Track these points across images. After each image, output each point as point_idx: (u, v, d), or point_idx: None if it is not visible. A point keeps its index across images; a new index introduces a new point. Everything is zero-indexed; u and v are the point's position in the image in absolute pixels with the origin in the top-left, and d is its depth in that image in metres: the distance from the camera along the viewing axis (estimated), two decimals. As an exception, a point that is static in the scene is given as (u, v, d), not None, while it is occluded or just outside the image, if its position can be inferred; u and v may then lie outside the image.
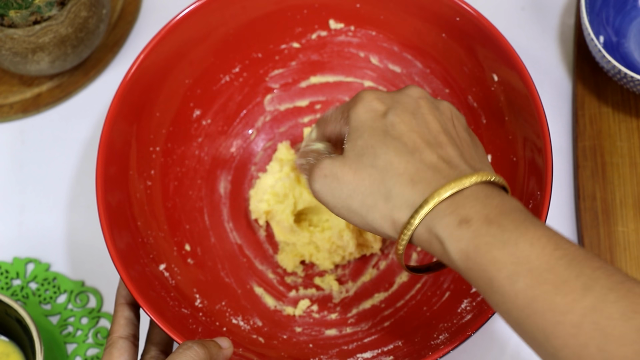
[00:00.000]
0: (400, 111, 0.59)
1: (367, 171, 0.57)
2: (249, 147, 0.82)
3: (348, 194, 0.58)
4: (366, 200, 0.57)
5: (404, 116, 0.58)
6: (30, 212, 0.84)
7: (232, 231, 0.80)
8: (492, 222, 0.52)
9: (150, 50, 0.73)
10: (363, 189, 0.57)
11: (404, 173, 0.56)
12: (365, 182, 0.57)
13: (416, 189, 0.55)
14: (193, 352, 0.60)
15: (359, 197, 0.57)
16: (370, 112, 0.60)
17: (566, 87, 0.85)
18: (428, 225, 0.54)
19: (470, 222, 0.53)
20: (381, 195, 0.56)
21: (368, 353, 0.71)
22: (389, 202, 0.56)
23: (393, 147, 0.57)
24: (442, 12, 0.73)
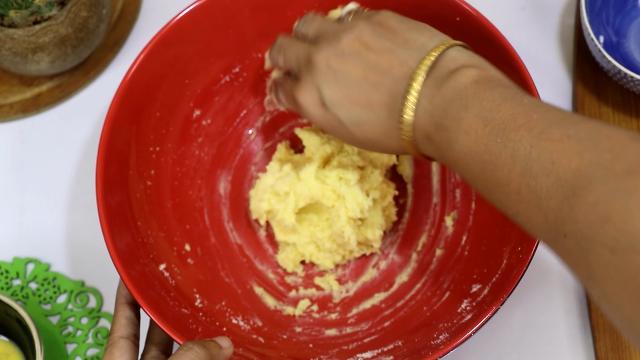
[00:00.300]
0: (328, 91, 0.64)
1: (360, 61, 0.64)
2: (249, 147, 0.82)
3: (349, 84, 0.63)
4: (366, 87, 0.63)
5: (334, 92, 0.64)
6: (30, 212, 0.84)
7: (232, 231, 0.80)
8: (440, 128, 0.57)
9: (150, 50, 0.73)
10: (367, 76, 0.63)
11: (379, 136, 0.63)
12: (361, 70, 0.63)
13: (392, 138, 0.62)
14: (194, 353, 0.59)
15: (361, 87, 0.63)
16: (317, 111, 0.65)
17: (566, 87, 0.85)
18: (418, 149, 0.61)
19: (429, 138, 0.58)
20: (384, 74, 0.62)
21: (368, 353, 0.71)
22: (390, 76, 0.61)
23: (356, 127, 0.63)
24: (442, 12, 0.73)
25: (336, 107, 0.63)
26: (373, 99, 0.62)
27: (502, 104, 0.55)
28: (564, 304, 0.78)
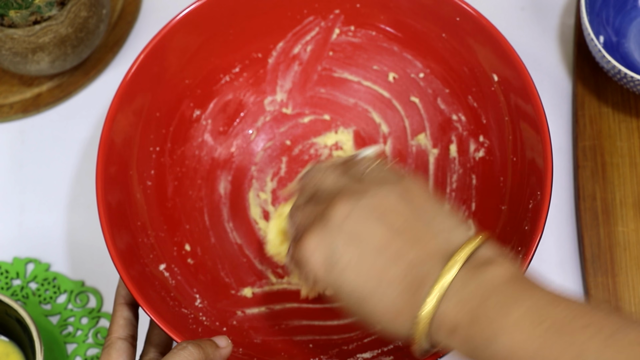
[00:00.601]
0: (340, 253, 0.56)
1: None
2: (249, 147, 0.82)
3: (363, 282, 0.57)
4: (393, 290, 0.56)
5: (345, 256, 0.56)
6: (30, 212, 0.84)
7: (232, 231, 0.80)
8: (478, 319, 0.51)
9: (150, 50, 0.73)
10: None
11: (383, 315, 0.55)
12: None
13: (400, 323, 0.54)
14: (187, 352, 0.59)
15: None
16: (322, 270, 0.57)
17: (566, 87, 0.85)
18: (431, 340, 0.54)
19: (457, 330, 0.52)
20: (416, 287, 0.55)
21: (368, 353, 0.71)
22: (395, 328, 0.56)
23: (359, 299, 0.56)
24: (442, 12, 0.73)
25: (342, 273, 0.56)
26: (388, 273, 0.54)
27: (556, 301, 0.50)
28: (564, 304, 0.78)
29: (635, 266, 0.78)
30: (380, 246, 0.55)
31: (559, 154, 0.83)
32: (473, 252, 0.54)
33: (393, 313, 0.54)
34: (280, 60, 0.80)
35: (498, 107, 0.74)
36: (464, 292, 0.52)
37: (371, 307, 0.55)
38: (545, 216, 0.65)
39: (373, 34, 0.79)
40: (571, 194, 0.82)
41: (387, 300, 0.54)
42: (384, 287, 0.54)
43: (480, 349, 0.51)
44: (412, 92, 0.80)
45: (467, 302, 0.52)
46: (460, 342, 0.52)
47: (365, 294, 0.55)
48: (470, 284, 0.52)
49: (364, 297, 0.55)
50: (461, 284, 0.52)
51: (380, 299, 0.55)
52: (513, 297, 0.51)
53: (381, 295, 0.55)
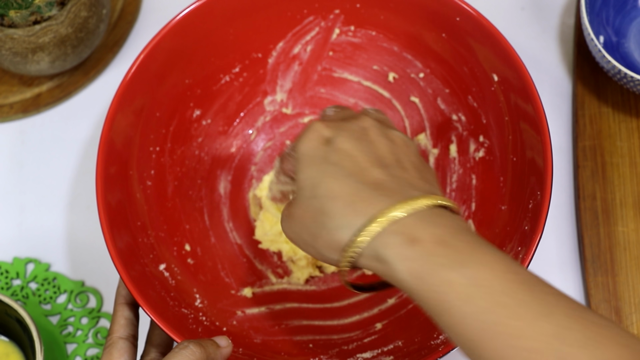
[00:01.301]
0: (345, 137, 0.57)
1: (309, 202, 0.56)
2: (249, 147, 0.82)
3: (299, 228, 0.57)
4: (311, 230, 0.56)
5: (348, 141, 0.57)
6: (30, 212, 0.84)
7: (232, 231, 0.80)
8: (445, 243, 0.51)
9: (150, 50, 0.73)
10: (307, 221, 0.56)
11: (339, 196, 0.54)
12: (308, 214, 0.56)
13: (356, 209, 0.53)
14: (189, 351, 0.59)
15: (306, 230, 0.56)
16: (313, 141, 0.58)
17: (566, 87, 0.85)
18: (373, 246, 0.52)
19: (421, 242, 0.51)
20: (322, 223, 0.55)
21: (368, 353, 0.71)
22: (328, 226, 0.54)
23: (330, 172, 0.56)
24: (442, 12, 0.73)
25: (335, 150, 0.57)
26: (374, 172, 0.56)
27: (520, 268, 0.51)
28: (564, 304, 0.78)
29: (635, 266, 0.78)
30: (381, 156, 0.57)
31: (559, 154, 0.83)
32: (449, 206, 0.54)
33: (355, 198, 0.54)
34: (280, 60, 0.80)
35: (498, 107, 0.74)
36: (438, 219, 0.52)
37: (337, 184, 0.55)
38: (545, 216, 0.65)
39: (373, 34, 0.79)
40: (571, 194, 0.82)
41: (358, 186, 0.54)
42: (364, 176, 0.55)
43: (445, 267, 0.50)
44: (412, 92, 0.80)
45: (440, 227, 0.51)
46: (421, 255, 0.51)
47: (342, 173, 0.55)
48: (446, 217, 0.52)
49: (339, 175, 0.55)
50: (438, 212, 0.53)
51: (352, 182, 0.55)
52: (487, 242, 0.51)
53: (356, 180, 0.55)
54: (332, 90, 0.82)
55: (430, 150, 0.80)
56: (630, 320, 0.77)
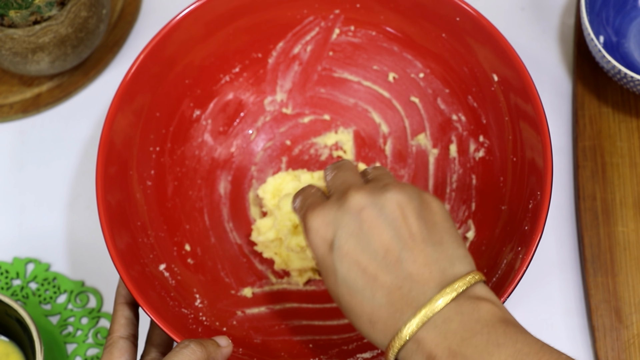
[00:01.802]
0: (344, 237, 0.56)
1: (338, 301, 0.57)
2: (249, 147, 0.82)
3: (337, 297, 0.58)
4: (349, 317, 0.57)
5: (347, 242, 0.56)
6: (30, 212, 0.84)
7: (232, 231, 0.80)
8: (456, 355, 0.51)
9: (150, 50, 0.73)
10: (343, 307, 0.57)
11: (360, 315, 0.55)
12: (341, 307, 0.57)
13: (377, 330, 0.55)
14: (190, 350, 0.60)
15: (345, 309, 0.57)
16: (319, 248, 0.57)
17: (566, 87, 0.85)
18: (409, 351, 0.53)
19: (436, 358, 0.52)
20: (354, 324, 0.57)
21: (368, 353, 0.71)
22: (362, 332, 0.56)
23: (344, 291, 0.56)
24: (442, 12, 0.73)
25: (340, 258, 0.56)
26: (382, 277, 0.54)
27: (541, 351, 0.51)
28: (563, 304, 0.78)
29: (635, 266, 0.78)
30: (384, 250, 0.55)
31: (559, 154, 0.83)
32: (468, 287, 0.54)
33: (374, 318, 0.54)
34: (280, 60, 0.80)
35: (498, 107, 0.74)
36: (449, 325, 0.52)
37: (355, 303, 0.55)
38: (545, 216, 0.65)
39: (373, 34, 0.79)
40: (571, 194, 0.82)
41: (373, 304, 0.54)
42: (374, 289, 0.54)
43: None
44: (412, 92, 0.80)
45: (450, 335, 0.52)
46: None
47: (355, 289, 0.55)
48: (457, 318, 0.52)
49: (353, 292, 0.55)
50: (449, 315, 0.52)
51: (367, 299, 0.55)
52: (497, 341, 0.51)
53: (369, 296, 0.54)
54: (332, 90, 0.82)
55: (430, 150, 0.80)
56: (630, 320, 0.77)
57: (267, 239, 0.76)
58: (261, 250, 0.77)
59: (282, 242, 0.76)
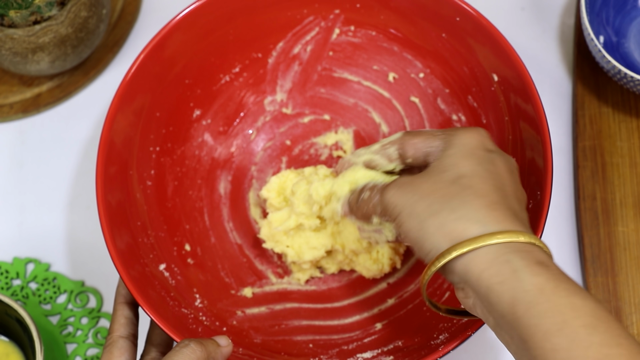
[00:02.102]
0: (503, 159, 0.60)
1: (446, 183, 0.57)
2: (249, 147, 0.82)
3: (418, 197, 0.57)
4: (433, 205, 0.56)
5: (504, 165, 0.59)
6: (30, 212, 0.84)
7: (232, 231, 0.80)
8: (566, 275, 0.52)
9: (150, 50, 0.73)
10: (434, 196, 0.56)
11: (484, 196, 0.56)
12: (440, 192, 0.57)
13: (494, 214, 0.55)
14: (190, 349, 0.60)
15: (427, 201, 0.56)
16: (479, 141, 0.60)
17: (566, 87, 0.85)
18: (500, 251, 0.53)
19: (548, 266, 0.52)
20: (450, 206, 0.55)
21: (368, 353, 0.71)
22: (456, 213, 0.55)
23: (485, 175, 0.57)
24: (442, 12, 0.73)
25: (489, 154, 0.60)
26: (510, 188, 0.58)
27: None
28: (564, 304, 0.78)
29: (635, 266, 0.78)
30: (511, 195, 0.58)
31: (559, 154, 0.83)
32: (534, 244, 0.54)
33: (488, 208, 0.55)
34: (280, 60, 0.80)
35: (498, 107, 0.74)
36: (507, 264, 0.52)
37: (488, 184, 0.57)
38: (545, 216, 0.65)
39: (373, 34, 0.79)
40: (571, 194, 0.82)
41: (505, 191, 0.57)
42: (514, 180, 0.58)
43: (571, 292, 0.51)
44: (412, 92, 0.80)
45: (505, 272, 0.52)
46: (548, 275, 0.52)
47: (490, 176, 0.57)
48: (518, 261, 0.52)
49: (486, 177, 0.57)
50: (509, 255, 0.53)
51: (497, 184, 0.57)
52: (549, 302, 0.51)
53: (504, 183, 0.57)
54: (332, 90, 0.82)
55: (430, 150, 0.79)
56: (630, 320, 0.77)
57: (287, 227, 0.75)
58: (271, 246, 0.77)
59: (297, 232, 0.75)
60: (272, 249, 0.78)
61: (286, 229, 0.75)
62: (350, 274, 0.78)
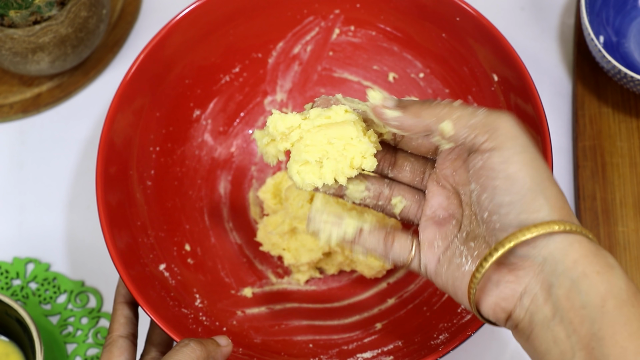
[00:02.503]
0: None
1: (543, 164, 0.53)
2: (249, 147, 0.82)
3: (537, 156, 0.52)
4: (548, 172, 0.52)
5: None
6: (30, 212, 0.84)
7: (232, 231, 0.80)
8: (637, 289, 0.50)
9: (150, 50, 0.73)
10: (546, 165, 0.53)
11: (551, 186, 0.52)
12: (547, 170, 0.53)
13: (563, 209, 0.52)
14: (190, 349, 0.60)
15: (543, 164, 0.52)
16: (520, 127, 0.54)
17: (566, 87, 0.85)
18: (594, 245, 0.51)
19: (615, 269, 0.50)
20: (557, 188, 0.52)
21: (368, 353, 0.71)
22: (561, 197, 0.52)
23: (546, 168, 0.53)
24: (442, 12, 0.73)
25: None
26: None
27: None
28: (564, 304, 0.78)
29: (635, 266, 0.78)
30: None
31: (559, 154, 0.83)
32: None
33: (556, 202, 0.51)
34: (280, 60, 0.81)
35: (498, 107, 0.74)
36: (604, 258, 0.50)
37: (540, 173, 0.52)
38: (545, 216, 0.65)
39: (373, 34, 0.79)
40: (571, 194, 0.82)
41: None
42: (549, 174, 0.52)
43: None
44: (412, 92, 0.80)
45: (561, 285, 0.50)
46: (621, 284, 0.50)
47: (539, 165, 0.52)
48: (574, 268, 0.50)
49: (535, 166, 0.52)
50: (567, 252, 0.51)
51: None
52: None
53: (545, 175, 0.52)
54: (332, 90, 0.82)
55: (430, 150, 0.79)
56: (630, 320, 0.77)
57: (281, 231, 0.75)
58: (268, 249, 0.77)
59: (292, 235, 0.76)
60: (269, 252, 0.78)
61: (280, 232, 0.75)
62: (350, 274, 0.78)
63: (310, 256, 0.75)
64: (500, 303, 0.52)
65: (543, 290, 0.51)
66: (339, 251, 0.75)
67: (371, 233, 0.58)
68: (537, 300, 0.51)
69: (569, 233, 0.51)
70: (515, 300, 0.52)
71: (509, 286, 0.52)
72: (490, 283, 0.52)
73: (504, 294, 0.52)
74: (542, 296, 0.51)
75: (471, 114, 0.53)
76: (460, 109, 0.53)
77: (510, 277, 0.52)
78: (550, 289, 0.50)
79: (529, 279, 0.51)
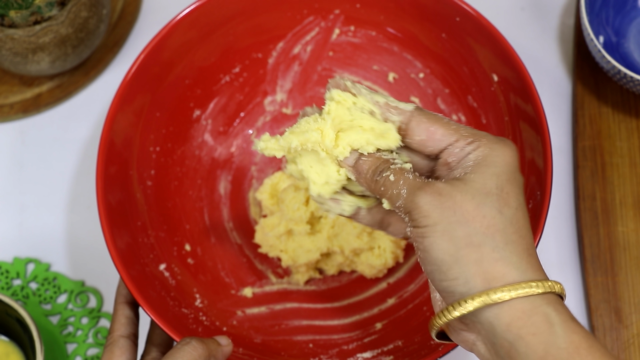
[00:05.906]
0: (519, 192, 0.54)
1: (492, 213, 0.51)
2: (249, 147, 0.82)
3: (459, 219, 0.51)
4: (474, 236, 0.51)
5: (519, 199, 0.54)
6: (30, 212, 0.84)
7: (232, 231, 0.80)
8: (593, 336, 0.51)
9: (150, 51, 0.73)
10: (478, 225, 0.51)
11: (526, 236, 0.52)
12: (485, 221, 0.51)
13: (531, 260, 0.51)
14: (191, 347, 0.60)
15: (468, 228, 0.51)
16: (517, 161, 0.54)
17: (566, 87, 0.85)
18: (536, 302, 0.50)
19: (578, 324, 0.50)
20: (494, 243, 0.51)
21: (368, 353, 0.71)
22: (498, 252, 0.51)
23: (524, 208, 0.53)
24: (442, 12, 0.73)
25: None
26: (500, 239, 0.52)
27: None
28: (563, 304, 0.78)
29: (635, 266, 0.78)
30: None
31: (559, 154, 0.83)
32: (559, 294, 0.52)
33: (473, 266, 0.51)
34: (280, 60, 0.81)
35: (498, 107, 0.74)
36: (543, 317, 0.50)
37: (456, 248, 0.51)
38: (545, 216, 0.65)
39: (373, 34, 0.79)
40: (571, 194, 0.82)
41: (476, 254, 0.51)
42: (491, 242, 0.51)
43: (603, 355, 0.49)
44: (412, 92, 0.80)
45: (535, 330, 0.50)
46: (584, 334, 0.50)
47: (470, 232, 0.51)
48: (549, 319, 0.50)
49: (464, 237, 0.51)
50: (540, 309, 0.50)
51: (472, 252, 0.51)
52: None
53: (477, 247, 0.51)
54: (332, 90, 0.82)
55: (430, 150, 0.79)
56: (630, 320, 0.77)
57: (277, 233, 0.75)
58: (266, 251, 0.77)
59: (290, 237, 0.76)
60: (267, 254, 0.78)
61: (277, 234, 0.75)
62: (350, 274, 0.78)
63: (307, 257, 0.75)
64: (461, 343, 0.54)
65: (490, 345, 0.52)
66: (338, 251, 0.76)
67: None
68: (488, 352, 0.52)
69: (513, 299, 0.50)
70: (471, 345, 0.53)
71: (463, 334, 0.54)
72: (450, 326, 0.55)
73: (462, 337, 0.54)
74: (492, 350, 0.52)
75: (397, 196, 0.54)
76: (391, 188, 0.54)
77: (463, 326, 0.54)
78: (494, 347, 0.51)
79: (475, 336, 0.53)
